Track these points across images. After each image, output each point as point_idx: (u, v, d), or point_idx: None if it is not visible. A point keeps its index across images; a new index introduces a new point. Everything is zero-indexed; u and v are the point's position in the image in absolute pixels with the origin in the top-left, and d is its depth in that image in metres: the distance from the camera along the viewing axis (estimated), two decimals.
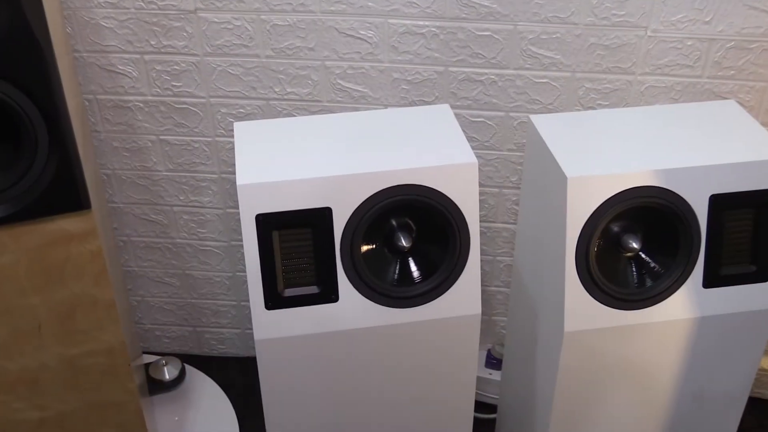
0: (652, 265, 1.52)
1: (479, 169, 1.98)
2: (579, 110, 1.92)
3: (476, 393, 2.21)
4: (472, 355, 1.61)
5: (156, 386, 2.16)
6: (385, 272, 1.52)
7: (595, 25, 1.82)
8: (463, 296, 1.53)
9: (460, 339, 1.58)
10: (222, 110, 1.98)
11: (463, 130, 1.65)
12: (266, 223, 1.43)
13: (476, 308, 1.55)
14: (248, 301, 2.30)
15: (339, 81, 1.93)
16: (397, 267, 1.53)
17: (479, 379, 2.22)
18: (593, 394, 1.62)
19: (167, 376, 2.18)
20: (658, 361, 1.59)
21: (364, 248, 1.50)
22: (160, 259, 2.23)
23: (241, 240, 2.18)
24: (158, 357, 2.23)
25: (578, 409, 1.63)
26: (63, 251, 1.61)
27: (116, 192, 2.12)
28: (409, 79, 1.91)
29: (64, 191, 1.54)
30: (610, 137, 1.54)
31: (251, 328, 2.35)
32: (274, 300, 1.48)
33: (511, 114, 1.94)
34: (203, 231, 2.18)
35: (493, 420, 2.20)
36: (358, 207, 1.44)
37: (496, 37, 1.85)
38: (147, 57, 1.92)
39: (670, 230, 1.49)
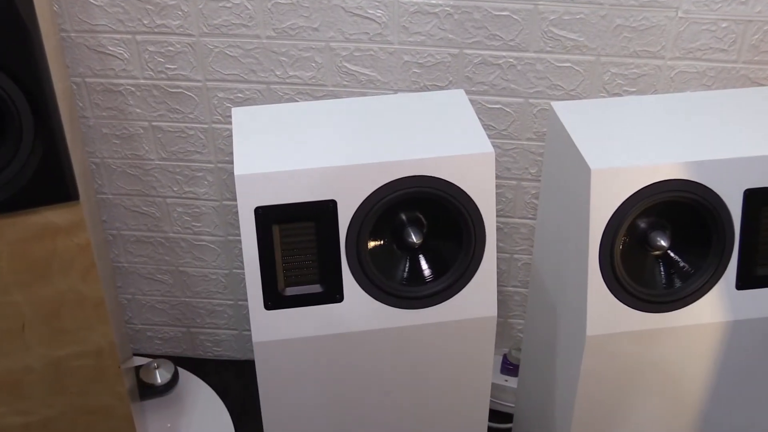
0: (682, 264, 1.53)
1: (496, 159, 1.98)
2: (604, 97, 1.92)
3: (491, 401, 2.21)
4: (487, 360, 1.62)
5: (147, 391, 2.17)
6: (393, 270, 1.53)
7: (621, 5, 1.82)
8: (478, 297, 1.54)
9: (474, 343, 1.59)
10: (219, 95, 1.99)
11: (479, 118, 1.65)
12: (266, 216, 1.43)
13: (491, 310, 1.55)
14: (246, 300, 2.31)
15: (345, 64, 1.93)
16: (407, 265, 1.53)
17: (494, 386, 2.23)
18: (617, 403, 1.63)
19: (159, 380, 2.19)
20: (687, 367, 1.60)
21: (372, 244, 1.51)
22: (152, 255, 2.24)
23: (238, 234, 2.18)
24: (149, 359, 2.24)
25: (600, 418, 1.64)
26: (49, 245, 1.62)
27: (105, 182, 2.13)
28: (420, 62, 1.92)
29: (50, 181, 1.55)
30: (638, 126, 1.54)
31: (249, 330, 2.36)
32: (273, 299, 1.49)
33: (531, 100, 1.94)
34: (198, 225, 2.19)
35: (509, 430, 2.20)
36: (365, 200, 1.45)
37: (515, 17, 1.85)
38: (139, 37, 1.93)
39: (701, 227, 1.49)
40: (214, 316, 2.35)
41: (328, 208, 1.44)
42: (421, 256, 1.54)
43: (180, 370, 2.28)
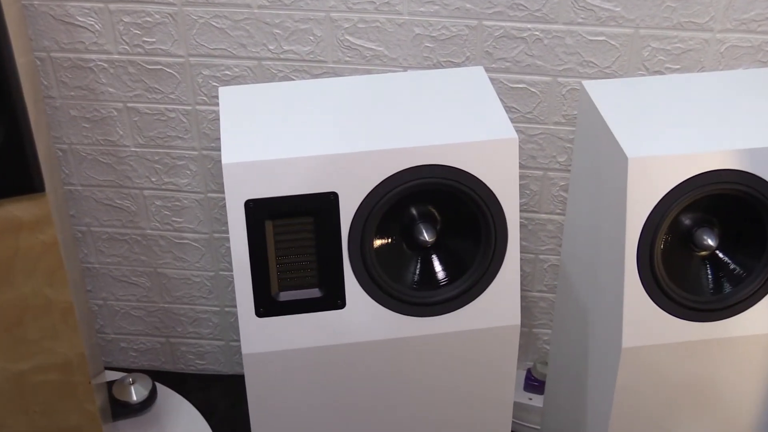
0: (732, 266, 1.53)
1: (519, 146, 1.98)
2: (643, 75, 1.92)
3: (513, 422, 2.22)
4: (509, 375, 1.62)
5: (121, 409, 2.18)
6: (403, 273, 1.53)
7: None
8: (499, 303, 1.54)
9: (495, 355, 1.59)
10: (204, 72, 1.99)
11: (500, 99, 1.66)
12: (257, 210, 1.44)
13: (514, 318, 1.56)
14: (234, 306, 2.31)
15: (347, 37, 1.93)
16: (418, 266, 1.54)
17: (517, 405, 2.23)
18: (656, 424, 1.63)
19: (135, 397, 2.20)
20: (737, 384, 1.60)
21: (378, 243, 1.51)
22: (127, 255, 2.25)
23: (226, 231, 2.19)
24: (124, 374, 2.25)
25: None
26: (11, 243, 1.63)
27: (74, 171, 2.14)
28: (433, 35, 1.92)
29: (12, 170, 1.56)
30: (682, 109, 1.54)
31: (238, 340, 2.37)
32: (266, 305, 1.49)
33: (560, 79, 1.94)
34: (179, 220, 2.19)
35: None
36: (371, 192, 1.46)
37: None
38: (112, 6, 1.93)
39: (754, 224, 1.49)
40: (197, 324, 2.36)
41: (329, 201, 1.45)
42: (434, 256, 1.54)
43: (158, 385, 2.29)
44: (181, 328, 2.37)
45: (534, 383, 2.26)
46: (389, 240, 1.52)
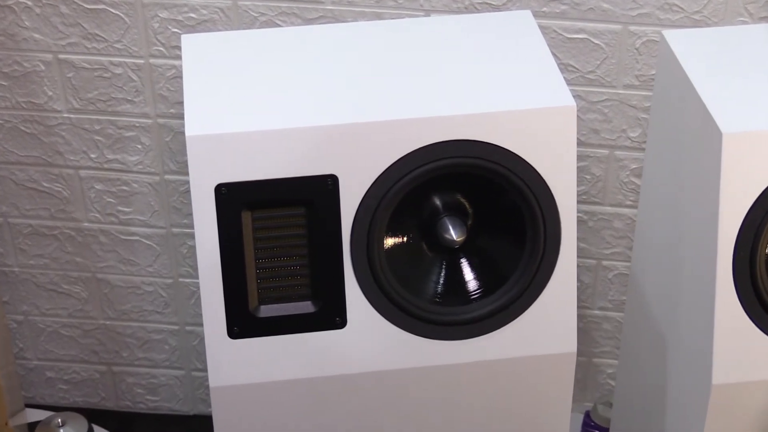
0: None
1: (578, 117, 1.99)
2: (746, 23, 1.92)
3: None
4: (562, 418, 1.63)
5: None
6: (422, 282, 1.54)
7: None
8: (548, 324, 1.55)
9: (543, 393, 1.60)
10: (161, 14, 1.99)
11: (553, 54, 1.65)
12: (232, 198, 1.44)
13: (569, 344, 1.56)
14: (199, 324, 2.32)
15: None
16: (443, 274, 1.55)
17: None
18: None
19: None
20: None
21: (390, 242, 1.52)
22: (57, 255, 2.26)
23: (188, 226, 2.20)
24: (51, 413, 2.26)
25: None
26: None
27: None
28: None
29: None
30: None
31: (202, 369, 2.38)
32: (242, 324, 1.50)
33: (632, 28, 1.94)
34: (127, 210, 2.20)
35: None
36: (381, 175, 1.46)
37: None
38: None
39: None
40: (149, 347, 2.37)
41: (326, 187, 1.45)
42: (463, 260, 1.55)
43: (96, 428, 2.30)
44: (127, 353, 2.38)
45: (594, 430, 2.27)
46: (405, 239, 1.53)
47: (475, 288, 1.54)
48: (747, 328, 1.50)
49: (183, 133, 1.43)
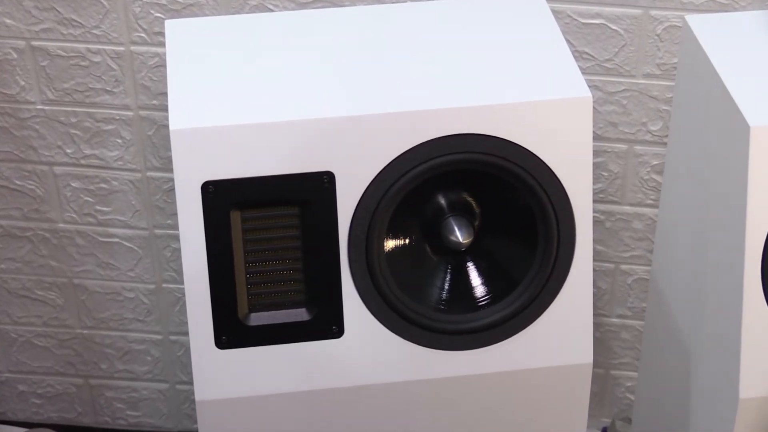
0: None
1: (594, 109, 1.99)
2: None
3: None
4: None
5: None
6: (425, 288, 1.54)
7: None
8: (562, 333, 1.55)
9: (557, 407, 1.60)
10: None
11: (567, 40, 1.65)
12: (220, 197, 1.44)
13: (585, 355, 1.56)
14: (184, 333, 2.32)
15: None
16: (448, 279, 1.55)
17: None
18: None
19: None
20: None
21: (391, 245, 1.52)
22: (30, 258, 2.26)
23: (172, 227, 2.20)
24: (24, 430, 2.26)
25: None
26: None
27: None
28: None
29: None
30: None
31: (188, 382, 2.38)
32: (230, 333, 1.50)
33: (653, 12, 1.95)
34: (106, 210, 2.20)
35: None
36: (381, 172, 1.46)
37: None
38: None
39: None
40: (129, 359, 2.37)
41: (321, 185, 1.46)
42: (470, 264, 1.55)
43: None
44: (106, 365, 2.38)
45: None
46: (406, 241, 1.53)
47: (483, 294, 1.54)
48: None
49: (167, 126, 1.44)
